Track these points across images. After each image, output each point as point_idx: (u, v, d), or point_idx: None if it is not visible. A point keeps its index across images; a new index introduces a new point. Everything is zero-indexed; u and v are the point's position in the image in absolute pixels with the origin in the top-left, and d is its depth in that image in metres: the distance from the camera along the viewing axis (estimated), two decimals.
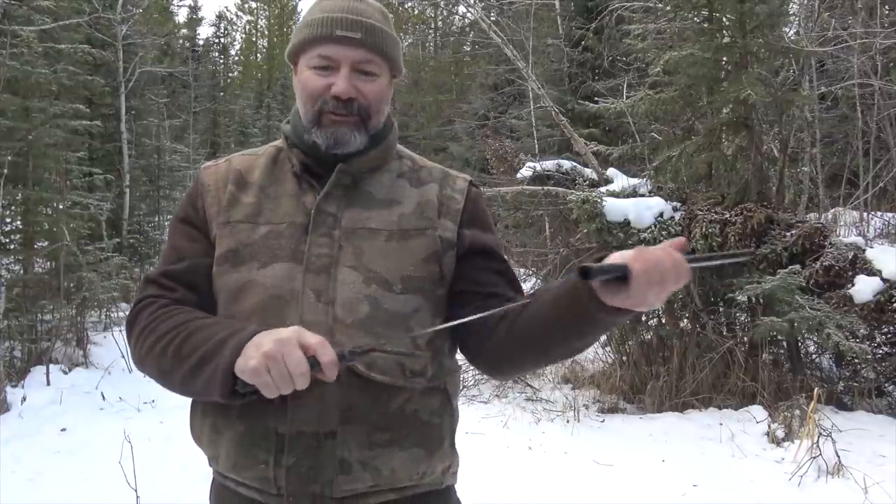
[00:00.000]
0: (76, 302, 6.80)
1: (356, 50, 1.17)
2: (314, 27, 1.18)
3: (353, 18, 1.17)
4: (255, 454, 1.11)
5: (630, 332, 5.96)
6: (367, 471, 1.11)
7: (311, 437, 1.10)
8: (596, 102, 7.22)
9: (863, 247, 4.99)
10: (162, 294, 1.19)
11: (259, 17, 42.58)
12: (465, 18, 22.92)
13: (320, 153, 1.20)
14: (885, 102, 7.86)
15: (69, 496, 3.73)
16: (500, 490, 3.72)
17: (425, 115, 23.52)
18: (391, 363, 1.12)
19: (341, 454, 1.10)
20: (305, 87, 1.19)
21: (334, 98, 1.16)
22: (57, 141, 6.97)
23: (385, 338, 1.12)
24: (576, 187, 6.11)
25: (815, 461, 3.91)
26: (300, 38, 1.20)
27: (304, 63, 1.20)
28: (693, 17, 6.00)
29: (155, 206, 12.28)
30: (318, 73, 1.18)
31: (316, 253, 1.15)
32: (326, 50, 1.17)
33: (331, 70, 1.17)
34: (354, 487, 1.12)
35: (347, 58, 1.17)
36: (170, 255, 1.23)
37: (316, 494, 1.10)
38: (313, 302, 1.12)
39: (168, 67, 16.50)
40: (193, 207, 1.23)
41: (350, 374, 1.09)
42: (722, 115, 5.63)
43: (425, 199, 1.23)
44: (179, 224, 1.25)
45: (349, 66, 1.17)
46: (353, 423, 1.10)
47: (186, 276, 1.20)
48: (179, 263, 1.21)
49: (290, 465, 1.10)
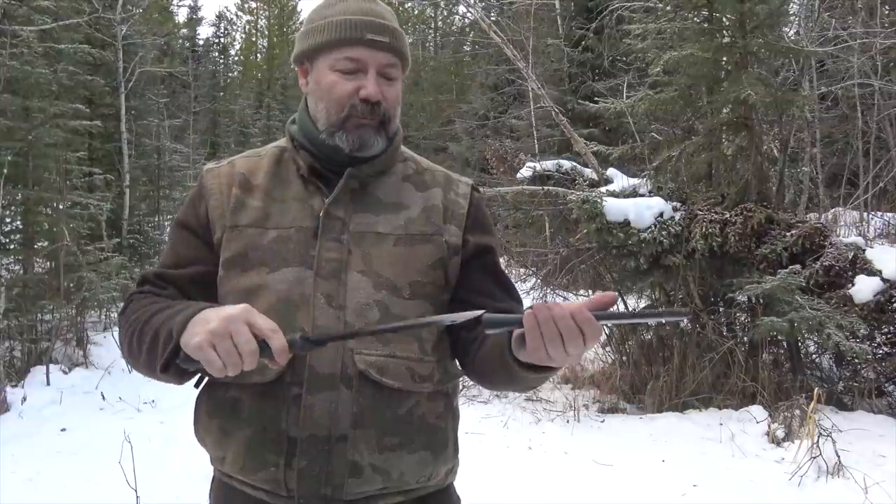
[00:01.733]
0: (76, 302, 6.80)
1: (384, 54, 1.18)
2: (341, 29, 1.17)
3: (381, 23, 1.18)
4: (265, 457, 1.12)
5: (630, 332, 5.96)
6: (377, 473, 1.12)
7: (322, 440, 1.10)
8: (596, 102, 7.22)
9: (863, 247, 4.99)
10: (150, 291, 1.20)
11: (259, 17, 42.57)
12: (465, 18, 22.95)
13: (331, 156, 1.19)
14: (885, 102, 7.87)
15: (69, 496, 3.73)
16: (500, 490, 3.72)
17: (425, 115, 23.52)
18: (401, 368, 1.13)
19: (353, 457, 1.11)
20: (332, 90, 1.17)
21: (363, 101, 1.16)
22: (57, 141, 6.96)
23: (394, 343, 1.13)
24: (576, 187, 6.11)
25: (815, 461, 3.92)
26: (325, 39, 1.18)
27: (326, 64, 1.18)
28: (693, 17, 6.00)
29: (155, 206, 12.26)
30: (344, 77, 1.17)
31: (326, 258, 1.15)
32: (356, 53, 1.16)
33: (356, 73, 1.17)
34: (364, 490, 1.12)
35: (375, 61, 1.17)
36: (168, 258, 1.24)
37: (327, 497, 1.11)
38: (324, 306, 1.13)
39: (168, 67, 16.51)
40: (195, 212, 1.23)
41: (362, 379, 1.11)
42: (722, 115, 5.63)
43: (430, 203, 1.23)
44: (179, 229, 1.25)
45: (376, 69, 1.17)
46: (365, 427, 1.11)
47: (177, 278, 1.21)
48: (176, 269, 1.22)
49: (302, 468, 1.10)
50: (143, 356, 1.09)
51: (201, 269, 1.20)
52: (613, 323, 0.98)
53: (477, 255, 1.24)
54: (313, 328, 1.10)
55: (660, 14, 6.37)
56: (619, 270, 6.03)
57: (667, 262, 5.25)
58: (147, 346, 1.08)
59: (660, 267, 5.35)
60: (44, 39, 7.47)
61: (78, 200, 7.51)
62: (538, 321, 0.90)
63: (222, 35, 38.04)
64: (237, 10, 41.61)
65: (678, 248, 5.19)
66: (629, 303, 6.44)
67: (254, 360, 0.96)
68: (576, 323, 0.90)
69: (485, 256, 1.24)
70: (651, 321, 1.06)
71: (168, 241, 1.28)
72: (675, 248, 5.20)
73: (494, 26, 8.52)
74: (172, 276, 1.21)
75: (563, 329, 0.90)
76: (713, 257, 5.22)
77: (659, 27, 6.08)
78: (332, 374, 1.11)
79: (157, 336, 1.06)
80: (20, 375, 5.89)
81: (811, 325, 4.52)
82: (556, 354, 0.92)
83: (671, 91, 5.83)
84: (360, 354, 1.11)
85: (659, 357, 5.68)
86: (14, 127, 6.59)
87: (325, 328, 1.10)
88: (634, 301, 6.55)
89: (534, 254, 7.42)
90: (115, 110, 10.66)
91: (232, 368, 0.95)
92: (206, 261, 1.20)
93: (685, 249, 5.17)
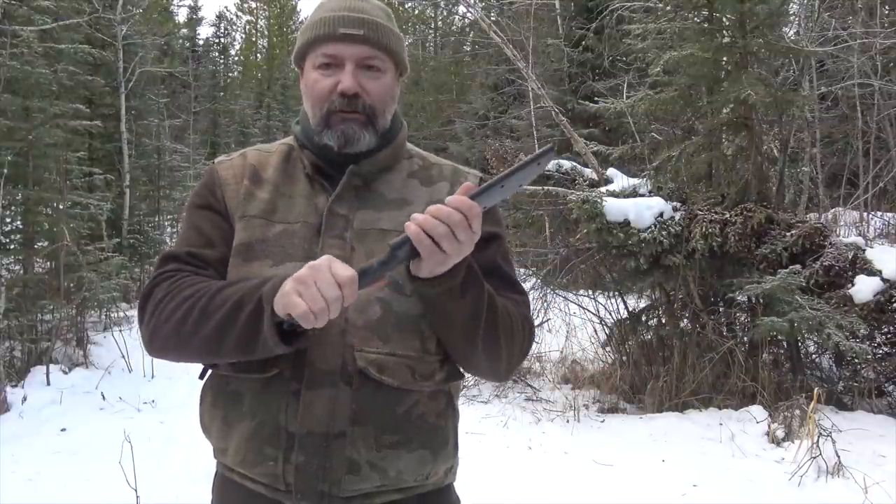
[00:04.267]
0: (76, 302, 6.80)
1: (360, 47, 1.18)
2: (318, 27, 1.20)
3: (356, 16, 1.18)
4: (264, 451, 1.12)
5: (630, 332, 5.96)
6: (374, 471, 1.12)
7: (321, 437, 1.11)
8: (596, 102, 7.22)
9: (863, 247, 4.99)
10: (183, 269, 1.17)
11: (259, 17, 42.57)
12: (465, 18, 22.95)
13: (331, 155, 1.20)
14: (885, 102, 7.88)
15: (69, 496, 3.73)
16: (500, 490, 3.72)
17: (425, 115, 23.52)
18: (402, 367, 1.14)
19: (350, 454, 1.11)
20: (312, 89, 1.20)
21: (340, 94, 1.17)
22: (57, 141, 6.96)
23: (395, 341, 1.13)
24: (576, 187, 6.11)
25: (815, 461, 3.92)
26: (304, 40, 1.22)
27: (310, 63, 1.21)
28: (693, 17, 6.00)
29: (155, 206, 12.27)
30: (323, 73, 1.19)
31: (328, 254, 1.15)
32: (330, 48, 1.18)
33: (336, 68, 1.18)
34: (361, 487, 1.13)
35: (352, 55, 1.18)
36: (195, 239, 1.21)
37: (324, 493, 1.12)
38: None
39: (168, 67, 16.50)
40: (213, 196, 1.23)
41: (361, 376, 1.11)
42: (722, 115, 5.63)
43: (436, 198, 1.22)
44: (200, 210, 1.23)
45: (354, 62, 1.18)
46: (363, 425, 1.12)
47: (215, 261, 1.19)
48: (208, 249, 1.20)
49: (300, 464, 1.11)
50: (206, 334, 1.08)
51: (228, 251, 1.19)
52: (487, 195, 1.00)
53: (479, 247, 1.21)
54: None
55: (660, 14, 6.37)
56: (619, 270, 6.03)
57: (667, 262, 5.25)
58: (219, 322, 1.07)
59: (660, 267, 5.35)
60: (44, 39, 7.47)
61: (78, 200, 7.51)
62: (421, 226, 0.97)
63: (222, 35, 38.07)
64: (237, 10, 41.66)
65: (678, 248, 5.19)
66: (629, 303, 6.44)
67: (338, 306, 0.98)
68: (453, 207, 0.97)
69: (487, 247, 1.22)
70: (517, 176, 0.99)
71: (187, 223, 1.24)
72: (675, 248, 5.20)
73: (494, 26, 8.51)
74: (208, 256, 1.19)
75: (446, 219, 0.97)
76: (713, 257, 5.22)
77: (659, 27, 6.08)
78: (332, 371, 1.11)
79: (239, 305, 1.06)
80: (20, 375, 5.89)
81: (811, 325, 4.52)
82: (450, 247, 0.98)
83: (671, 91, 5.83)
84: (361, 352, 1.12)
85: (659, 357, 5.68)
86: (14, 127, 6.59)
87: (326, 325, 1.09)
88: (634, 301, 6.55)
89: (534, 254, 7.41)
90: (115, 110, 10.66)
91: (320, 315, 0.97)
92: (230, 243, 1.19)
93: (685, 249, 5.17)
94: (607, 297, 6.48)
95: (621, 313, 6.30)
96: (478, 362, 1.18)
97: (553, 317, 6.60)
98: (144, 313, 1.16)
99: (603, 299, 6.49)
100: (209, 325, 1.08)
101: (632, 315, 6.14)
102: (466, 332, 1.11)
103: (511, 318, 1.17)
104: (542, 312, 6.48)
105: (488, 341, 1.13)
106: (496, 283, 1.20)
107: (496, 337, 1.14)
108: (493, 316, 1.13)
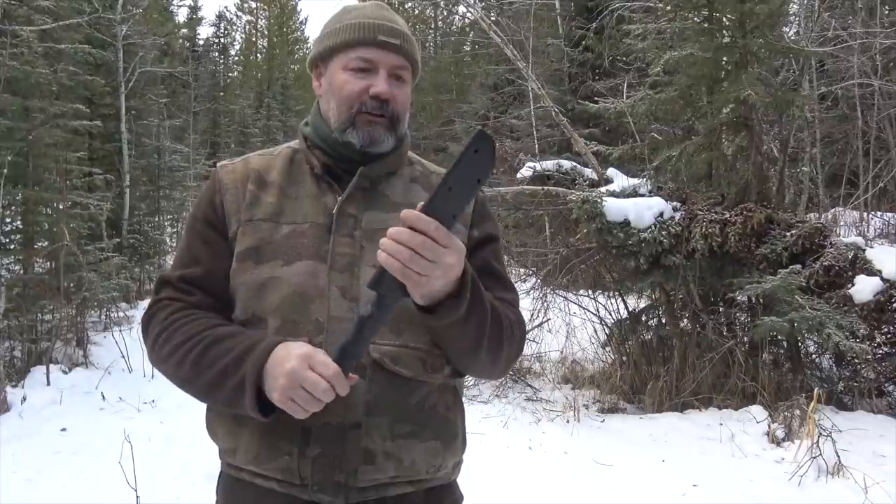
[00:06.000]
0: (76, 302, 6.80)
1: (395, 56, 1.23)
2: (354, 31, 1.23)
3: (393, 26, 1.25)
4: (279, 446, 1.14)
5: (630, 332, 5.96)
6: (389, 461, 1.15)
7: (336, 428, 1.13)
8: (596, 102, 7.21)
9: (863, 247, 4.99)
10: (177, 297, 1.22)
11: (259, 17, 42.53)
12: (465, 18, 22.96)
13: (344, 154, 1.24)
14: (885, 102, 7.88)
15: (69, 496, 3.73)
16: (500, 490, 3.72)
17: (425, 115, 23.50)
18: (414, 359, 1.17)
19: (366, 444, 1.14)
20: (342, 88, 1.22)
21: (373, 98, 1.21)
22: (57, 141, 6.97)
23: (406, 334, 1.17)
24: (576, 187, 6.11)
25: (815, 461, 3.92)
26: (340, 40, 1.24)
27: (339, 64, 1.24)
28: (693, 16, 6.00)
29: (155, 206, 12.25)
30: (355, 76, 1.22)
31: (339, 252, 1.19)
32: (368, 53, 1.22)
33: (368, 73, 1.22)
34: (377, 477, 1.15)
35: (387, 62, 1.23)
36: (186, 259, 1.26)
37: (340, 484, 1.14)
38: (338, 298, 1.17)
39: (168, 67, 16.48)
40: (212, 206, 1.26)
41: (376, 367, 1.15)
42: (722, 115, 5.63)
43: None
44: (197, 225, 1.27)
45: (387, 69, 1.23)
46: (378, 415, 1.15)
47: (203, 281, 1.23)
48: (195, 267, 1.24)
49: (316, 456, 1.13)
50: (201, 386, 1.15)
51: (220, 266, 1.22)
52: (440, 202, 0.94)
53: (477, 247, 1.27)
54: (328, 318, 1.15)
55: (660, 14, 6.37)
56: (619, 270, 6.04)
57: (667, 262, 5.25)
58: (209, 381, 1.13)
59: (660, 267, 5.35)
60: (44, 39, 7.48)
61: (78, 200, 7.51)
62: (386, 250, 0.97)
63: (222, 35, 38.01)
64: (237, 10, 41.57)
65: (678, 248, 5.19)
66: (629, 303, 6.44)
67: (330, 393, 1.05)
68: (410, 226, 0.96)
69: (483, 247, 1.28)
70: (459, 171, 0.93)
71: (184, 239, 1.29)
72: (675, 248, 5.20)
73: (494, 26, 8.51)
74: (197, 279, 1.23)
75: (407, 241, 0.96)
76: (713, 257, 5.22)
77: (659, 27, 6.08)
78: None
79: (224, 374, 1.11)
80: (20, 375, 5.89)
81: (811, 325, 4.52)
82: (423, 268, 0.97)
83: (671, 91, 5.83)
84: (375, 344, 1.14)
85: (659, 357, 5.68)
86: (14, 127, 6.59)
87: (339, 319, 1.15)
88: (634, 301, 6.55)
89: (534, 254, 7.42)
90: (115, 110, 10.66)
91: (316, 408, 1.06)
92: (223, 257, 1.23)
93: (685, 249, 5.17)
94: (607, 297, 6.49)
95: (621, 313, 6.30)
96: (476, 369, 1.24)
97: (553, 317, 6.60)
98: (147, 339, 1.24)
99: (603, 299, 6.50)
100: (198, 383, 1.15)
101: (632, 315, 6.14)
102: (470, 349, 1.16)
103: (511, 327, 1.21)
104: (542, 312, 6.48)
105: (490, 352, 1.18)
106: (489, 283, 1.23)
107: (497, 348, 1.18)
108: (498, 331, 1.17)
